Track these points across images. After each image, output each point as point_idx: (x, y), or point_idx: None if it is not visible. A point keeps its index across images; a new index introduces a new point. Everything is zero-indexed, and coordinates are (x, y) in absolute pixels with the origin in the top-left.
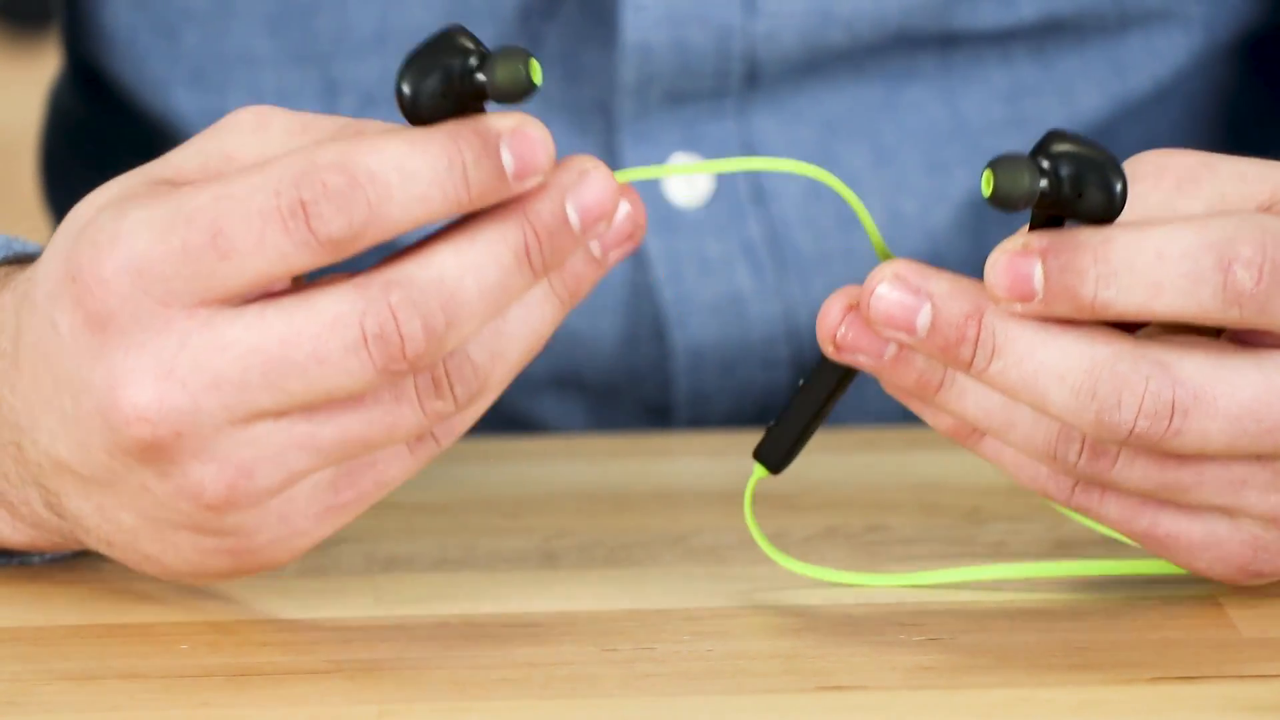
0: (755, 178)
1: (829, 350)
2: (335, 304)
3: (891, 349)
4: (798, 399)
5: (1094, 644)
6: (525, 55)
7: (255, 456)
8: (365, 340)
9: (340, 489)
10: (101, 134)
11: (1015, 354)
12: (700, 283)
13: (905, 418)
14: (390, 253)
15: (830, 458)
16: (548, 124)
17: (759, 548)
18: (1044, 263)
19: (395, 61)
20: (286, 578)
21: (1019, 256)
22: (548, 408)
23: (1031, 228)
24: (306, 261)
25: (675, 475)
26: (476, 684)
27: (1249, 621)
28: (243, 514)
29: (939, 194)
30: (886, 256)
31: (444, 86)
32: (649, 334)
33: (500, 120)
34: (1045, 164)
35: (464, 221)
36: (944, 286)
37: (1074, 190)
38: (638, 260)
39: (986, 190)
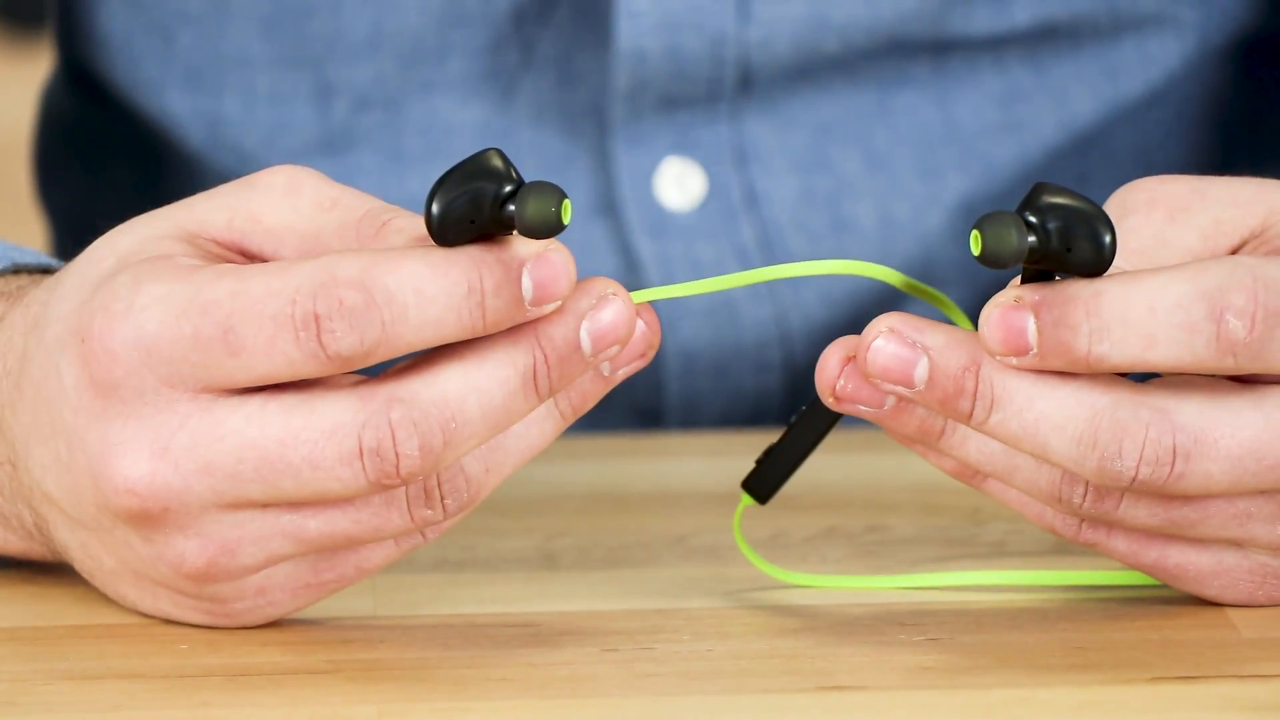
0: (748, 180)
1: (829, 402)
2: (336, 412)
3: (891, 400)
4: (789, 436)
5: (1094, 644)
6: (559, 195)
7: (239, 538)
8: (361, 452)
9: (320, 571)
10: (94, 135)
11: (1014, 405)
12: None
13: None
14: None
15: (830, 458)
16: (540, 129)
17: (759, 548)
18: (1037, 318)
19: (389, 66)
20: None
21: (1011, 311)
22: None
23: (1023, 280)
24: (312, 371)
25: (675, 476)
26: (476, 684)
27: (1249, 621)
28: (221, 586)
29: (932, 199)
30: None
31: (472, 213)
32: None
33: (526, 245)
34: (1032, 219)
35: (473, 339)
36: (940, 340)
37: (1063, 244)
38: (629, 263)
39: (975, 250)
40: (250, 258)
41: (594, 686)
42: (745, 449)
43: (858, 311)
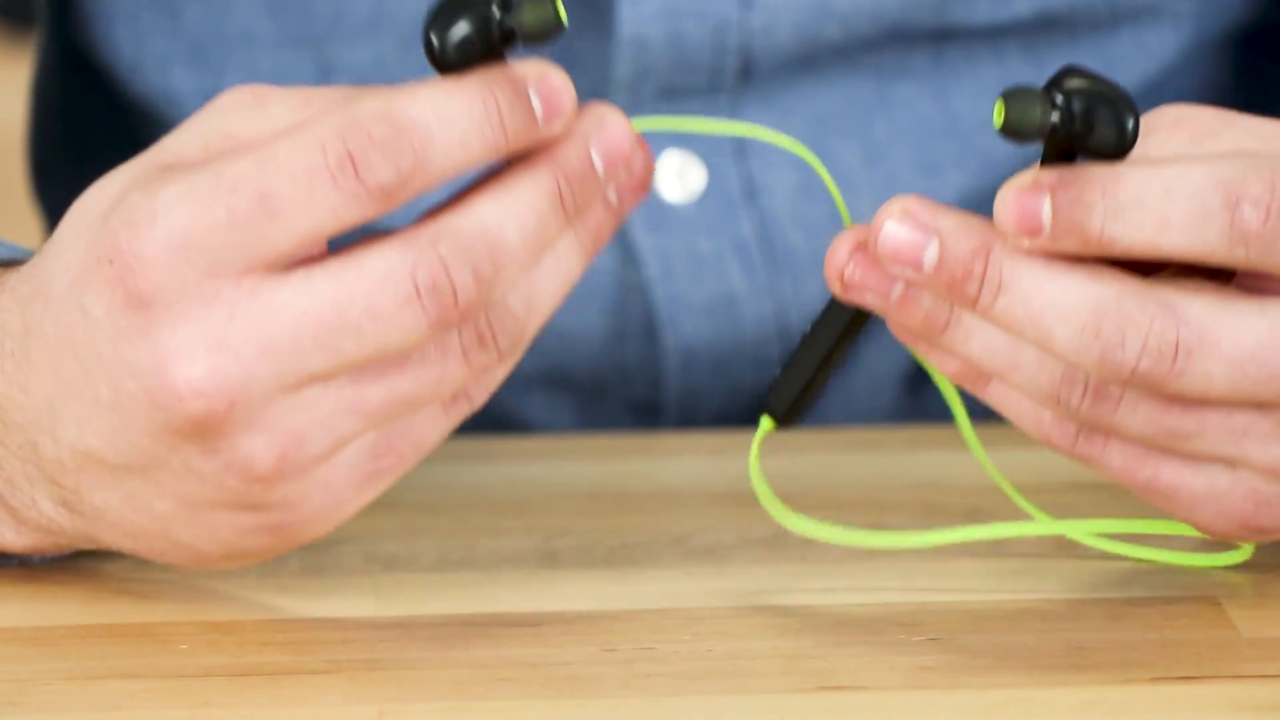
0: (747, 172)
1: (836, 289)
2: (385, 261)
3: (898, 288)
4: (805, 344)
5: (1094, 644)
6: None
7: (305, 424)
8: (419, 293)
9: (380, 454)
10: (87, 129)
11: (1021, 291)
12: (692, 281)
13: (906, 418)
14: (421, 213)
15: (830, 458)
16: None
17: (759, 547)
18: (1053, 197)
19: (389, 47)
20: (286, 577)
21: (1028, 192)
22: (535, 406)
23: (1043, 163)
24: (355, 215)
25: (675, 475)
26: (476, 684)
27: (1249, 621)
28: (290, 485)
29: (930, 192)
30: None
31: (472, 33)
32: (638, 332)
33: (525, 67)
34: (1058, 98)
35: (496, 174)
36: (951, 222)
37: (1085, 125)
38: (628, 257)
39: (998, 120)
40: None
41: (594, 686)
42: (745, 448)
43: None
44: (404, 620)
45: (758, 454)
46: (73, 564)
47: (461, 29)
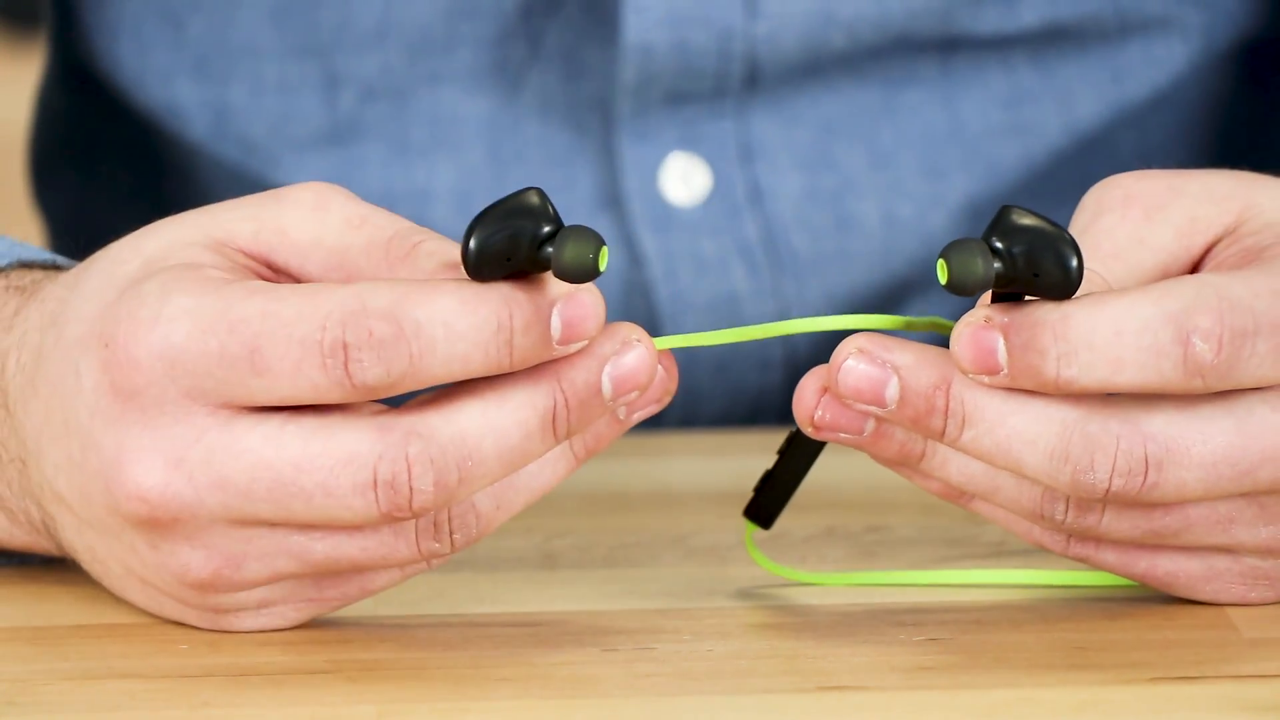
0: (753, 176)
1: (809, 432)
2: (354, 441)
3: (870, 424)
4: (782, 462)
5: (1094, 644)
6: (598, 241)
7: (244, 552)
8: (375, 484)
9: (324, 588)
10: (90, 137)
11: (986, 422)
12: (696, 282)
13: None
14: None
15: (830, 458)
16: (546, 122)
17: (758, 548)
18: (1005, 339)
19: (396, 56)
20: None
21: (982, 330)
22: None
23: (994, 299)
24: (335, 397)
25: (674, 475)
26: (476, 684)
27: (1249, 621)
28: (223, 597)
29: (936, 199)
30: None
31: (508, 250)
32: None
33: (557, 285)
34: (999, 245)
35: (495, 376)
36: (909, 358)
37: (1029, 269)
38: (633, 258)
39: (942, 279)
40: (276, 271)
41: (594, 686)
42: (745, 448)
43: (861, 311)
44: (404, 620)
45: (753, 546)
46: (72, 564)
47: (497, 245)
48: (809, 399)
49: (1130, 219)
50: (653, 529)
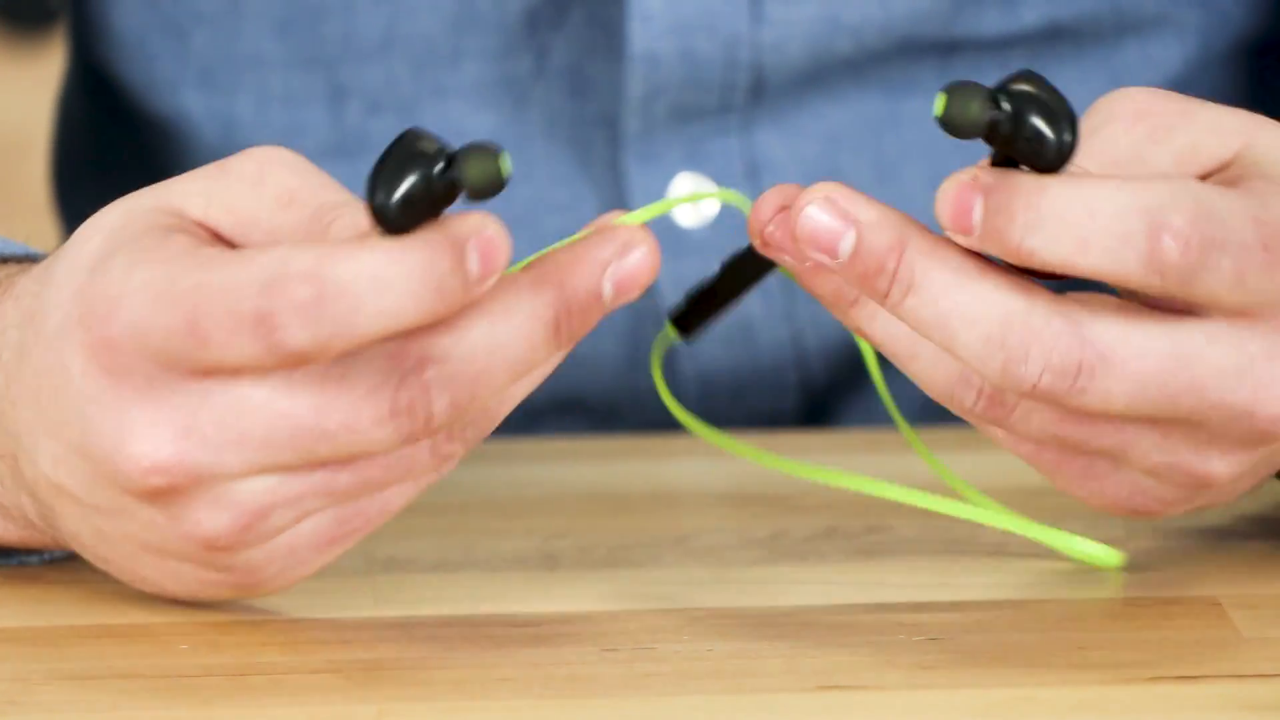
0: (760, 194)
1: (757, 243)
2: (370, 374)
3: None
4: (722, 275)
5: (1094, 644)
6: (495, 150)
7: (270, 502)
8: (395, 412)
9: (345, 520)
10: (108, 145)
11: (930, 293)
12: None
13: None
14: None
15: (830, 458)
16: (551, 141)
17: (759, 548)
18: (984, 201)
19: (401, 67)
20: None
21: (965, 189)
22: (548, 431)
23: (991, 163)
24: (272, 367)
25: (675, 476)
26: (476, 684)
27: (1249, 621)
28: (250, 552)
29: None
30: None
31: (416, 193)
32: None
33: (465, 223)
34: (1002, 99)
35: (498, 288)
36: (872, 215)
37: (1020, 132)
38: None
39: (937, 110)
40: (225, 243)
41: (594, 686)
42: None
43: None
44: (404, 620)
45: (659, 359)
46: (72, 564)
47: (405, 189)
48: (765, 213)
49: (1135, 134)
50: (653, 529)
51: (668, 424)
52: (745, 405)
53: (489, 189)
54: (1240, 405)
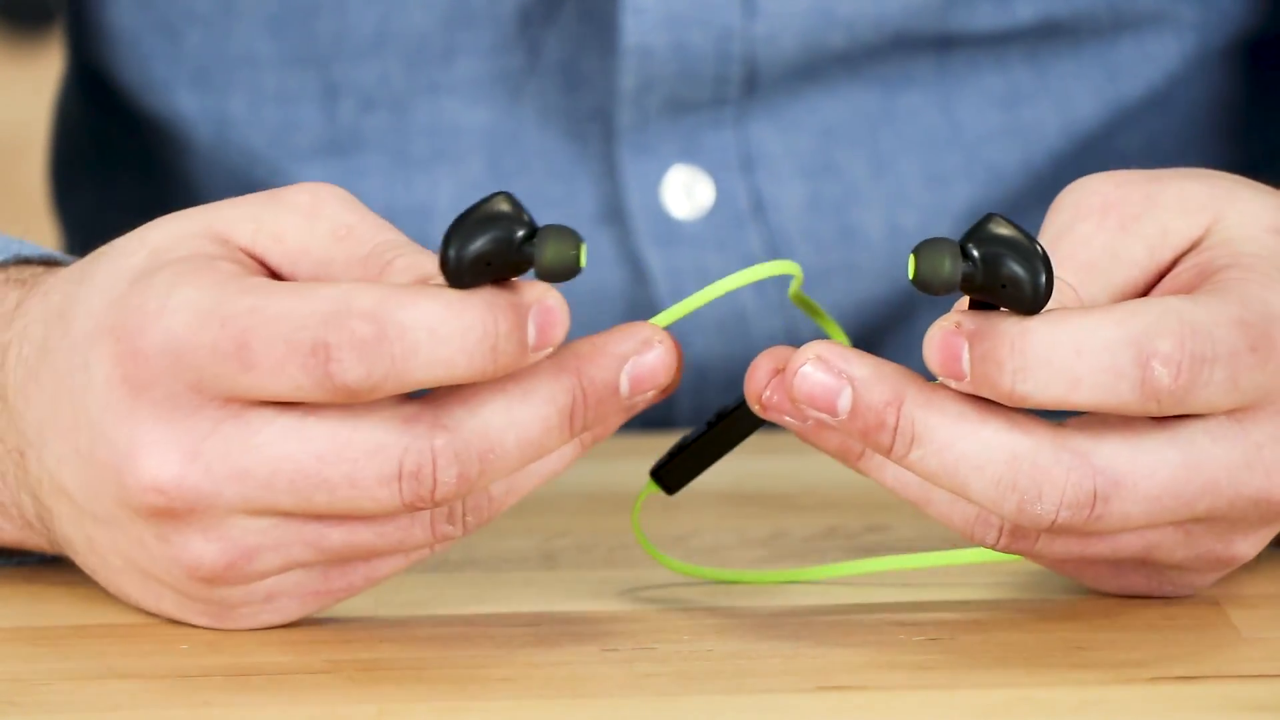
0: (754, 187)
1: (756, 409)
2: (380, 433)
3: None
4: (710, 432)
5: (1094, 644)
6: (576, 238)
7: (259, 544)
8: (400, 475)
9: (331, 579)
10: (105, 145)
11: (935, 444)
12: None
13: None
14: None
15: (829, 458)
16: (546, 134)
17: (759, 548)
18: (970, 347)
19: (394, 65)
20: None
21: (950, 336)
22: None
23: (970, 305)
24: (318, 398)
25: None
26: (476, 684)
27: (1249, 621)
28: (231, 589)
29: (939, 207)
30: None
31: (488, 256)
32: None
33: (529, 291)
34: (971, 250)
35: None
36: (866, 371)
37: (996, 280)
38: (637, 274)
39: (910, 274)
40: (271, 273)
41: (594, 686)
42: (746, 449)
43: (867, 324)
44: (404, 620)
45: (639, 513)
46: (72, 564)
47: (479, 247)
48: (760, 379)
49: (1106, 229)
50: (653, 529)
51: (667, 424)
52: (738, 395)
53: (561, 274)
54: (1255, 493)
